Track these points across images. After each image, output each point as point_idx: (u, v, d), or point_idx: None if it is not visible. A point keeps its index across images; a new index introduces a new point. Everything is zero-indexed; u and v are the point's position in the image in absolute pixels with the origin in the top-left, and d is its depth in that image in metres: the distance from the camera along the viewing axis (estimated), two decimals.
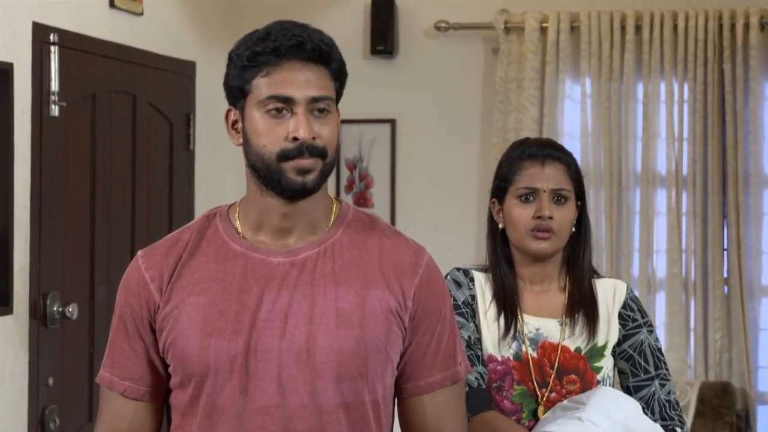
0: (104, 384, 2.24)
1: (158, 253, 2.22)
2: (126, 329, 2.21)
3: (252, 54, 2.11)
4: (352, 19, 5.74)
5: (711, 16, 5.25)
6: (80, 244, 4.61)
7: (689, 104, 5.30)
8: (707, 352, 5.25)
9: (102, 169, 4.74)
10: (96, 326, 4.64)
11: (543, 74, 5.45)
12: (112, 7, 4.78)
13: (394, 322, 2.16)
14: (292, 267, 2.15)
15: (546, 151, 2.70)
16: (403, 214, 5.73)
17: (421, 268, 2.22)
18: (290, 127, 2.09)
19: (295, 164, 2.09)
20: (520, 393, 2.66)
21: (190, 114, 5.42)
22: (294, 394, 2.10)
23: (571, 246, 2.74)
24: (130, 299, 2.20)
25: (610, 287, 2.77)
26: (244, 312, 2.12)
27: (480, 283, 2.74)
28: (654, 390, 2.70)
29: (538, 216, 2.65)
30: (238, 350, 2.10)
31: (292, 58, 2.10)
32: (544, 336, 2.69)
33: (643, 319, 2.75)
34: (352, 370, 2.12)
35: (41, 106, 4.32)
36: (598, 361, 2.70)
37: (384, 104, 5.74)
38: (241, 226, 2.21)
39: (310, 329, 2.11)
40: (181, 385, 2.17)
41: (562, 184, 2.68)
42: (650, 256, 5.34)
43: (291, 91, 2.09)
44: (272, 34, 2.11)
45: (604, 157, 5.35)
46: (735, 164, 5.22)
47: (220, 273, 2.16)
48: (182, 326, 2.14)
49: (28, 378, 4.27)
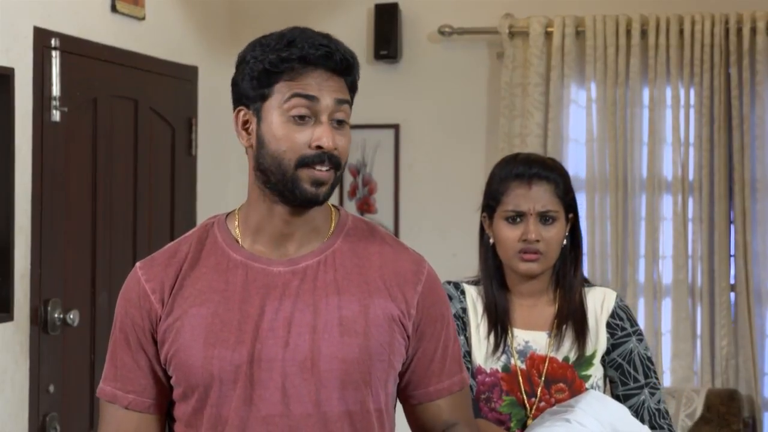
0: (106, 397, 2.22)
1: (157, 265, 2.20)
2: (128, 341, 2.20)
3: (277, 59, 2.09)
4: (355, 24, 5.73)
5: (717, 21, 5.23)
6: (81, 251, 4.59)
7: (695, 109, 5.28)
8: (714, 359, 5.23)
9: (103, 175, 4.73)
10: (97, 333, 4.63)
11: (548, 79, 5.43)
12: (114, 11, 4.77)
13: (397, 330, 2.17)
14: (293, 276, 2.15)
15: (533, 171, 2.68)
16: (407, 220, 5.72)
17: (423, 276, 2.23)
18: (314, 135, 2.08)
19: (311, 174, 2.09)
20: (508, 403, 2.67)
21: (192, 119, 5.42)
22: (298, 404, 2.10)
23: (563, 259, 2.74)
24: (131, 311, 2.19)
25: (600, 296, 2.76)
26: (247, 322, 2.12)
27: (471, 297, 2.76)
28: (644, 399, 2.70)
29: (524, 239, 2.65)
30: (242, 360, 2.10)
31: (319, 68, 2.10)
32: (533, 348, 2.70)
33: (632, 327, 2.74)
34: (356, 379, 2.12)
35: (42, 111, 4.31)
36: (586, 369, 2.70)
37: (388, 109, 5.73)
38: (240, 234, 2.20)
39: (314, 338, 2.11)
40: (184, 396, 2.16)
41: (549, 205, 2.67)
42: (656, 262, 5.31)
43: (317, 92, 2.09)
44: (297, 42, 2.09)
45: (609, 162, 5.33)
46: (741, 169, 5.20)
47: (222, 283, 2.15)
48: (185, 337, 2.13)
49: (29, 385, 4.26)
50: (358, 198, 5.75)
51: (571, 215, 2.73)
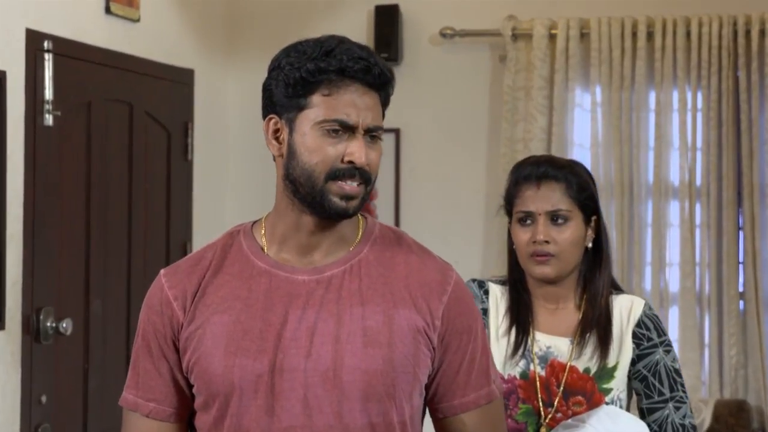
0: (128, 406, 2.23)
1: (181, 272, 2.21)
2: (150, 349, 2.21)
3: (315, 69, 2.08)
4: (355, 26, 5.70)
5: (725, 22, 5.23)
6: (75, 258, 4.57)
7: (703, 113, 5.28)
8: (722, 369, 5.22)
9: (97, 180, 4.70)
10: (91, 342, 4.63)
11: (552, 82, 5.43)
12: (108, 13, 4.76)
13: (422, 341, 2.16)
14: (317, 285, 2.15)
15: (541, 171, 2.68)
16: (408, 226, 5.67)
17: (450, 287, 2.21)
18: (347, 149, 2.10)
19: (341, 188, 2.10)
20: (525, 411, 2.66)
21: (189, 123, 5.40)
22: (320, 415, 2.09)
23: (588, 263, 2.72)
24: (154, 318, 2.20)
25: (627, 304, 2.73)
26: (269, 331, 2.12)
27: (495, 297, 2.75)
28: (668, 413, 2.66)
29: (534, 241, 2.66)
30: (263, 369, 2.10)
31: (357, 82, 2.11)
32: (554, 355, 2.68)
33: (659, 338, 2.70)
34: (379, 391, 2.11)
35: (35, 115, 4.30)
36: (607, 382, 2.67)
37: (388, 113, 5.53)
38: (266, 242, 2.21)
39: (337, 349, 2.11)
40: (205, 405, 2.16)
41: (559, 205, 2.67)
42: (663, 270, 5.31)
43: (354, 117, 2.10)
44: (336, 52, 2.09)
45: (615, 167, 5.33)
46: (750, 174, 5.19)
47: (245, 291, 2.16)
48: (206, 345, 2.13)
49: (21, 395, 4.24)
50: None
51: (594, 217, 2.71)
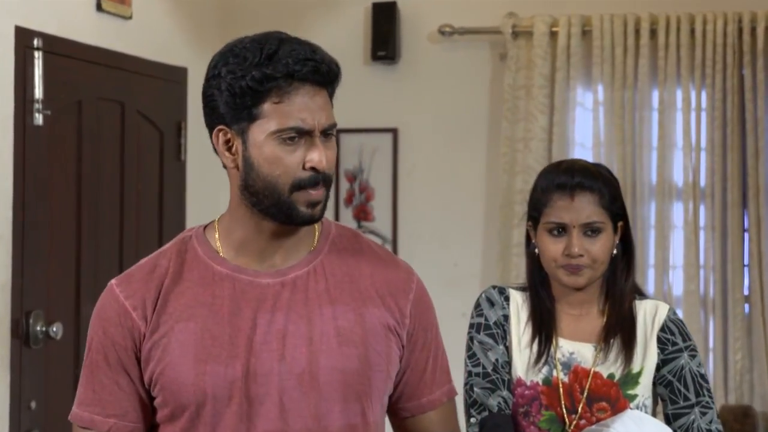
0: (82, 423, 2.17)
1: (136, 281, 2.16)
2: (107, 362, 2.14)
3: (262, 77, 2.03)
4: (351, 24, 5.70)
5: (730, 20, 5.18)
6: (65, 260, 4.56)
7: (707, 112, 5.24)
8: (727, 374, 5.17)
9: (88, 181, 4.69)
10: (81, 346, 4.56)
11: (553, 81, 5.39)
12: (99, 10, 4.75)
13: (393, 339, 2.18)
14: (283, 287, 2.13)
15: (575, 181, 2.62)
16: (406, 228, 5.68)
17: (414, 284, 2.24)
18: (307, 156, 2.06)
19: (307, 196, 2.07)
20: (548, 418, 2.64)
21: (182, 122, 5.39)
22: (298, 418, 2.08)
23: (613, 268, 2.69)
24: (110, 330, 2.13)
25: (651, 309, 2.71)
26: (239, 336, 2.09)
27: (516, 303, 2.72)
28: (693, 418, 2.63)
29: (567, 254, 2.61)
30: (237, 375, 2.07)
31: (306, 84, 2.06)
32: (577, 361, 2.65)
33: (684, 342, 2.67)
34: (357, 390, 2.12)
35: (24, 114, 4.29)
36: (632, 388, 2.64)
37: (385, 113, 5.72)
38: (221, 247, 2.17)
39: (311, 350, 2.09)
40: (171, 417, 2.11)
41: (593, 217, 2.62)
42: (666, 273, 5.26)
43: (309, 121, 2.05)
44: (280, 56, 2.03)
45: (617, 167, 5.27)
46: (756, 175, 5.15)
47: (208, 297, 2.12)
48: (173, 354, 2.09)
49: (10, 401, 4.21)
50: (354, 205, 5.72)
51: (621, 223, 2.67)
